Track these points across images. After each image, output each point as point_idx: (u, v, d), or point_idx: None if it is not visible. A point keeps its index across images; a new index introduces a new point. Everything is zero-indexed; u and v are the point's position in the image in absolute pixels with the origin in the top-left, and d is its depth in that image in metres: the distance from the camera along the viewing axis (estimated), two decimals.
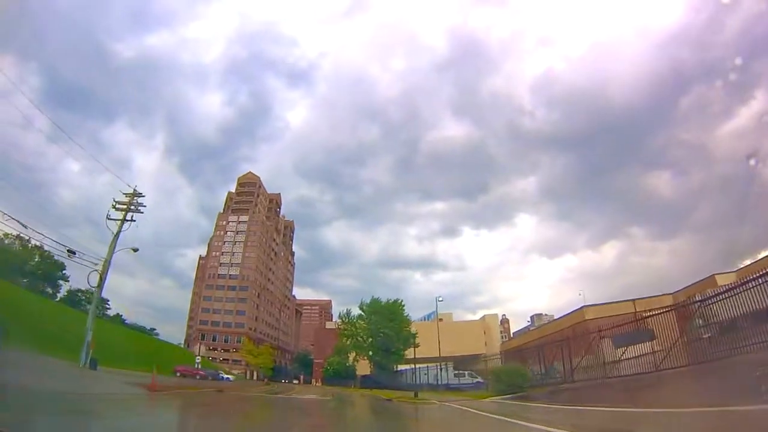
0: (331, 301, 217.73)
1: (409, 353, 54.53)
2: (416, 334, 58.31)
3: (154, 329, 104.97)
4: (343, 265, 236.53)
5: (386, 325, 59.26)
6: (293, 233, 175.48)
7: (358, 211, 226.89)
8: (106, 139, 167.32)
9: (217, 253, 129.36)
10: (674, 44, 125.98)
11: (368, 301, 63.09)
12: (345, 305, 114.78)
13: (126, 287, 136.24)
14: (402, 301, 63.32)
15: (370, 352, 61.29)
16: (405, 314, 62.69)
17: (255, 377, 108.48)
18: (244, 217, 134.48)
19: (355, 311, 64.72)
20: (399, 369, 59.53)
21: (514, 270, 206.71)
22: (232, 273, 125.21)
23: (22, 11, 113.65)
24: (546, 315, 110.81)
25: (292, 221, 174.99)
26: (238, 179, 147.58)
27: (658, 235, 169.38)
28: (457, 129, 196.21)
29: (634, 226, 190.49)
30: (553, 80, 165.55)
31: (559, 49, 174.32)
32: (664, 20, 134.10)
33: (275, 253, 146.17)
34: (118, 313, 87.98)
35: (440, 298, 58.89)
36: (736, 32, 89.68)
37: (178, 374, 42.92)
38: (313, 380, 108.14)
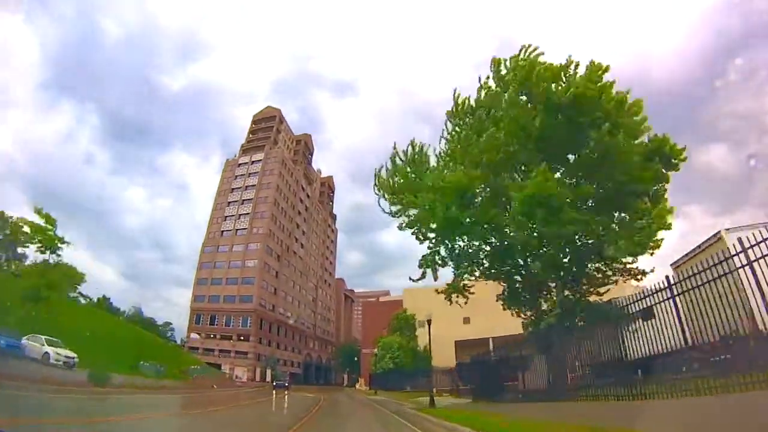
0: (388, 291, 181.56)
1: None
2: None
3: (170, 323, 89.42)
4: (402, 265, 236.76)
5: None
6: (333, 194, 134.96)
7: None
8: (163, 164, 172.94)
9: (222, 203, 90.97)
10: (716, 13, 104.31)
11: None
12: None
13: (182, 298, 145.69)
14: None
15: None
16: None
17: (268, 378, 67.39)
18: (259, 155, 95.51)
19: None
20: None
21: None
22: (240, 227, 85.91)
23: (78, 58, 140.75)
24: None
25: (331, 177, 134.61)
26: (253, 117, 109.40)
27: (719, 211, 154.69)
28: None
29: (692, 204, 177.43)
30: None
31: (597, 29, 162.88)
32: None
33: (305, 207, 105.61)
34: (104, 296, 75.97)
35: None
36: None
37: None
38: (361, 381, 64.17)
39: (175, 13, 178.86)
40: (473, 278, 17.81)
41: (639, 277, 15.33)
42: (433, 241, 17.64)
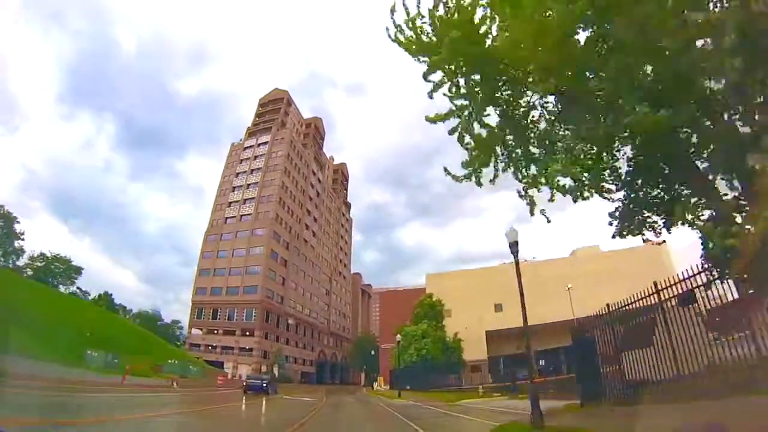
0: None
1: None
2: None
3: (179, 322, 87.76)
4: (420, 263, 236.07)
5: None
6: (347, 182, 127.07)
7: (430, 209, 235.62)
8: (181, 169, 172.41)
9: (226, 190, 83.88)
10: None
11: None
12: None
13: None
14: None
15: None
16: None
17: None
18: (265, 137, 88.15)
19: None
20: None
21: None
22: (244, 212, 78.60)
23: (94, 70, 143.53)
24: None
25: (344, 164, 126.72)
26: (259, 100, 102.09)
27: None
28: None
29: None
30: None
31: None
32: None
33: (316, 192, 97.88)
34: (105, 292, 75.12)
35: None
36: None
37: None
38: (379, 381, 56.05)
39: (187, 20, 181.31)
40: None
41: None
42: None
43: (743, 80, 5.59)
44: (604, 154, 8.54)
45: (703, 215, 7.24)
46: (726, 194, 6.96)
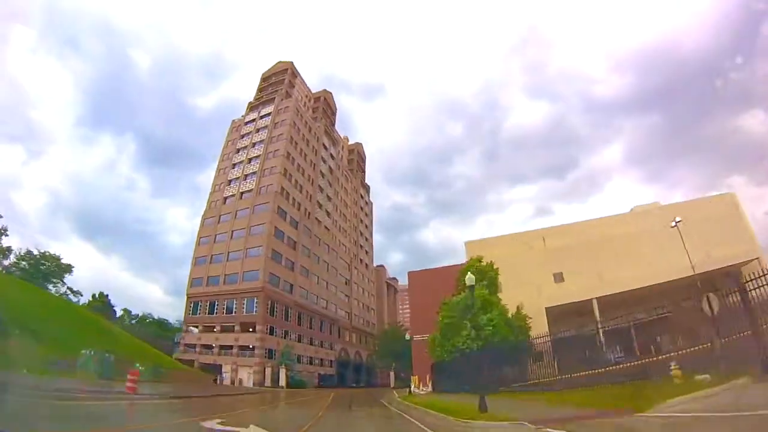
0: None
1: None
2: None
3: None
4: (445, 260, 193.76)
5: None
6: (364, 163, 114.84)
7: (452, 207, 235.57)
8: (201, 181, 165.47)
9: (226, 168, 72.75)
10: None
11: None
12: None
13: None
14: None
15: None
16: None
17: (281, 381, 47.44)
18: (268, 109, 76.95)
19: None
20: None
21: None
22: (245, 189, 67.18)
23: (112, 91, 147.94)
24: None
25: (360, 144, 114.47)
26: (262, 75, 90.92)
27: (765, 179, 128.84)
28: (534, 109, 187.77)
29: (733, 174, 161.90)
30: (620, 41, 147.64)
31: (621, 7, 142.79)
32: None
33: (329, 168, 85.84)
34: (101, 292, 68.21)
35: None
36: None
37: None
38: (414, 381, 42.80)
39: (200, 34, 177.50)
40: None
41: None
42: None
43: None
44: None
45: None
46: None
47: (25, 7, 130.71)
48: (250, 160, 70.60)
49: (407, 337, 51.61)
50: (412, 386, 32.03)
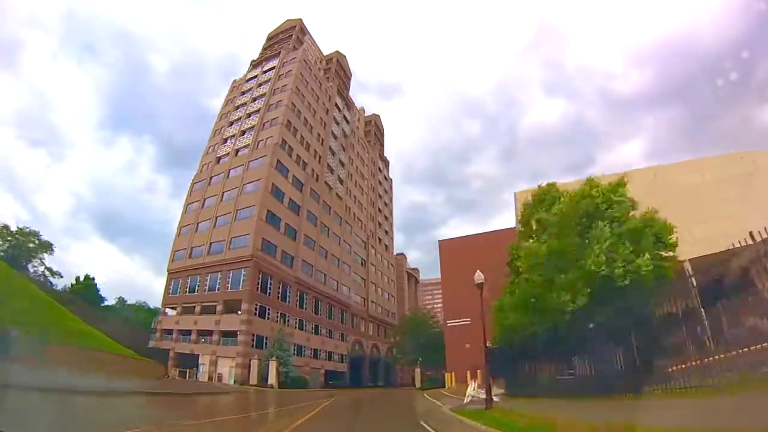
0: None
1: None
2: None
3: None
4: None
5: None
6: (383, 136, 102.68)
7: (471, 205, 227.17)
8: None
9: (222, 128, 61.59)
10: None
11: None
12: None
13: None
14: None
15: None
16: None
17: (271, 379, 34.75)
18: (272, 64, 65.70)
19: None
20: None
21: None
22: (241, 145, 55.87)
23: (131, 95, 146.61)
24: None
25: (378, 116, 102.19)
26: (268, 34, 79.59)
27: None
28: (551, 107, 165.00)
29: None
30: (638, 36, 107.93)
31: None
32: None
33: (343, 132, 73.95)
34: (87, 275, 59.32)
35: None
36: None
37: None
38: (449, 378, 29.01)
39: (216, 36, 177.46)
40: None
41: None
42: None
43: None
44: None
45: None
46: None
47: (45, 14, 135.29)
48: (249, 114, 59.38)
49: (436, 324, 38.96)
50: (470, 388, 19.28)
